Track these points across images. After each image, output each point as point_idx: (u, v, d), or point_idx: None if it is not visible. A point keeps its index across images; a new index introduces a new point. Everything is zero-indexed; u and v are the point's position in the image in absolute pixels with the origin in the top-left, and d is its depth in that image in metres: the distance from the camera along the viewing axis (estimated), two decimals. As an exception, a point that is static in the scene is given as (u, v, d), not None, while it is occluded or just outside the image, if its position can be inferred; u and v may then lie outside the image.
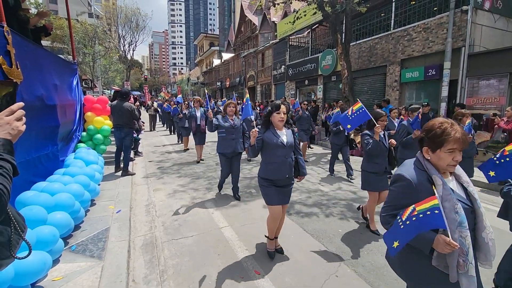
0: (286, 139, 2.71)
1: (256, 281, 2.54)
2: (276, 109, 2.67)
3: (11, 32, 2.77)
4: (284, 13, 21.47)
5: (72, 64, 5.67)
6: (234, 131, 4.49)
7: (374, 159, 3.41)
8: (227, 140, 4.46)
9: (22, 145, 3.06)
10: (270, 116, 2.73)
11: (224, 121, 4.52)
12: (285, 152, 2.69)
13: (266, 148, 2.70)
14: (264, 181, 2.78)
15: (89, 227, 3.37)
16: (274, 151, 2.67)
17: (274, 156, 2.68)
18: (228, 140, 4.45)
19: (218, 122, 4.48)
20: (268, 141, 2.67)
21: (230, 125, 4.49)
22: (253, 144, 2.63)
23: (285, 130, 2.77)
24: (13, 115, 0.94)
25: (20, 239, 0.92)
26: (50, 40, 18.78)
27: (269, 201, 2.77)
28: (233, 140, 4.46)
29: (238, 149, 4.53)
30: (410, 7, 9.99)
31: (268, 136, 2.69)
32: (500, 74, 7.36)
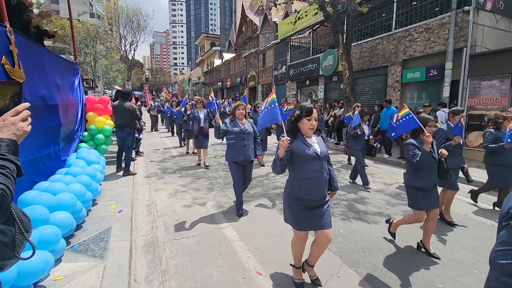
0: (319, 148, 2.26)
1: (257, 281, 2.54)
2: (307, 114, 2.20)
3: (13, 32, 2.78)
4: (285, 13, 21.47)
5: (74, 64, 5.68)
6: (245, 137, 3.90)
7: (421, 173, 2.90)
8: (238, 147, 3.87)
9: (24, 145, 3.07)
10: (299, 122, 2.26)
11: (233, 125, 3.93)
12: (321, 165, 2.22)
13: (296, 161, 2.24)
14: (295, 202, 2.28)
15: (91, 226, 3.38)
16: (308, 164, 2.21)
17: (308, 170, 2.21)
18: (239, 148, 3.87)
19: (226, 128, 3.89)
20: (298, 152, 2.20)
21: (240, 130, 3.89)
22: (282, 157, 2.14)
23: (315, 137, 2.33)
24: (19, 115, 0.94)
25: (25, 240, 0.92)
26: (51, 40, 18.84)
27: (299, 227, 2.30)
28: (244, 147, 3.88)
29: (250, 157, 3.95)
30: (411, 7, 9.97)
31: (298, 146, 2.22)
32: (502, 74, 7.33)
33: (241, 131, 3.89)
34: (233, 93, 30.14)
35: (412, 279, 2.59)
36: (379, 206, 4.41)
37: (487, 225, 3.77)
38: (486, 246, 3.22)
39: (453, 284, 2.55)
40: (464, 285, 2.54)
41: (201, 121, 6.58)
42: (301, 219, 2.27)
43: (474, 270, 2.75)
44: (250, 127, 4.03)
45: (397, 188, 5.38)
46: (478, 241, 3.34)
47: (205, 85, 42.83)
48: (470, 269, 2.74)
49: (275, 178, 5.88)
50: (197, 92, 40.69)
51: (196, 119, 6.58)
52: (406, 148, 2.94)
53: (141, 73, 54.78)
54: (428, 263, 2.85)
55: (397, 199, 4.80)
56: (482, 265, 2.83)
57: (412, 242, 3.30)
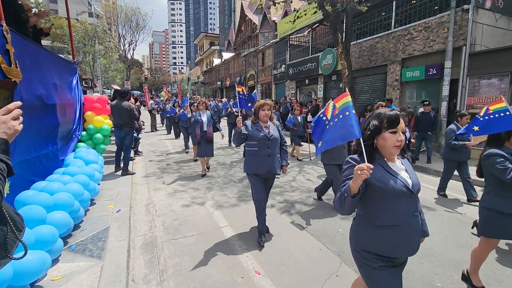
0: (409, 178, 1.52)
1: (256, 281, 2.53)
2: (391, 124, 1.46)
3: (10, 31, 2.76)
4: (285, 12, 21.44)
5: (72, 63, 5.66)
6: (270, 144, 3.16)
7: None
8: (260, 156, 3.14)
9: (22, 145, 3.05)
10: (377, 137, 1.50)
11: (255, 129, 3.17)
12: (413, 205, 1.49)
13: (374, 198, 1.49)
14: (375, 259, 1.53)
15: (88, 226, 3.36)
16: (393, 203, 1.46)
17: (393, 213, 1.47)
18: (261, 157, 3.14)
19: (247, 132, 3.15)
20: (379, 184, 1.45)
21: (264, 135, 3.15)
22: (356, 193, 1.38)
23: (400, 160, 1.59)
24: (10, 114, 0.93)
25: (17, 239, 0.91)
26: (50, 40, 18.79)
27: None
28: (269, 157, 3.15)
29: (275, 169, 3.21)
30: (411, 6, 9.96)
31: (378, 175, 1.46)
32: (501, 73, 7.32)
33: (265, 136, 3.14)
34: (233, 92, 30.14)
35: (411, 278, 2.59)
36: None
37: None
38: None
39: (452, 283, 2.54)
40: (463, 284, 2.53)
41: (203, 124, 5.74)
42: (385, 282, 1.53)
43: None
44: (276, 131, 3.27)
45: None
46: (477, 239, 3.32)
47: (204, 85, 42.80)
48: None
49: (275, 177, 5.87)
50: (196, 92, 40.65)
51: (198, 123, 5.72)
52: (492, 161, 2.27)
53: (140, 73, 54.69)
54: (427, 262, 2.84)
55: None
56: (481, 264, 2.82)
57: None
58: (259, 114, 3.21)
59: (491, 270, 2.74)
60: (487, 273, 2.65)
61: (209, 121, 5.84)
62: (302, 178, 5.83)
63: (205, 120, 5.79)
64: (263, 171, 3.16)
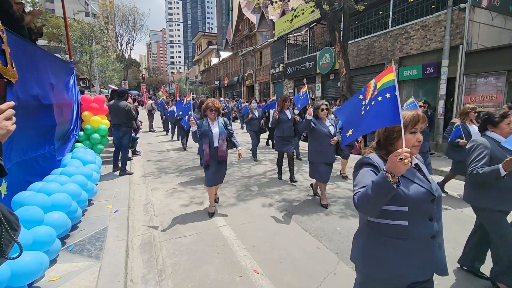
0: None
1: (254, 280, 2.54)
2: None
3: (6, 31, 2.74)
4: (282, 12, 21.41)
5: (69, 63, 5.63)
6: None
7: None
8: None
9: (19, 145, 3.04)
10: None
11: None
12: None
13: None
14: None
15: (86, 227, 3.36)
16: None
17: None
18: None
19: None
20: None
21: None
22: None
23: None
24: (2, 114, 0.92)
25: (12, 239, 0.90)
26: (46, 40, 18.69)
27: None
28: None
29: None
30: (408, 5, 9.98)
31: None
32: (497, 71, 7.37)
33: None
34: (231, 91, 30.09)
35: (409, 276, 2.60)
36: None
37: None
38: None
39: (449, 281, 2.56)
40: (459, 280, 2.55)
41: (214, 138, 3.79)
42: None
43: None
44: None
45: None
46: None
47: (202, 84, 42.71)
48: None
49: (273, 177, 5.87)
50: (194, 91, 40.54)
51: (205, 137, 3.77)
52: None
53: (138, 72, 54.46)
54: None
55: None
56: (478, 261, 2.83)
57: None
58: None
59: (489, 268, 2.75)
60: (485, 271, 2.67)
61: (222, 133, 3.83)
62: (300, 177, 5.84)
63: (216, 132, 3.82)
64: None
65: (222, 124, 3.91)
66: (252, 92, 24.48)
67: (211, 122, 3.85)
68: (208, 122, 3.82)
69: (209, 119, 3.84)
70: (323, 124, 4.20)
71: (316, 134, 4.16)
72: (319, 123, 4.18)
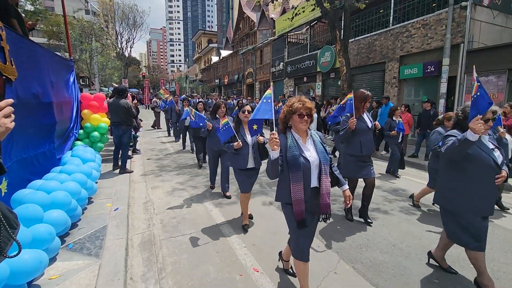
0: None
1: (254, 278, 2.53)
2: None
3: (5, 28, 2.73)
4: (283, 10, 21.36)
5: (69, 61, 5.61)
6: None
7: None
8: None
9: (19, 143, 3.03)
10: None
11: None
12: None
13: None
14: None
15: (86, 225, 3.35)
16: None
17: None
18: None
19: None
20: None
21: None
22: None
23: None
24: (1, 112, 0.91)
25: (11, 237, 0.90)
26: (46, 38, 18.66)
27: None
28: None
29: None
30: (409, 3, 9.95)
31: None
32: (498, 70, 7.35)
33: None
34: (231, 90, 30.05)
35: (409, 275, 2.60)
36: (377, 203, 4.41)
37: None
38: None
39: (449, 279, 2.56)
40: (460, 279, 2.55)
41: (311, 171, 2.03)
42: None
43: (470, 265, 2.75)
44: None
45: (394, 184, 5.40)
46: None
47: (202, 83, 42.66)
48: (467, 264, 2.74)
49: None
50: (194, 90, 40.50)
51: (296, 167, 1.99)
52: None
53: (138, 71, 54.37)
54: (424, 259, 2.86)
55: (394, 195, 4.81)
56: (478, 260, 2.83)
57: (409, 239, 3.30)
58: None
59: (489, 267, 2.75)
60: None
61: (324, 162, 2.08)
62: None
63: (315, 160, 2.06)
64: None
65: (320, 143, 2.12)
66: (253, 90, 24.45)
67: (301, 140, 2.07)
68: (296, 141, 2.06)
69: (294, 133, 2.08)
70: None
71: None
72: None
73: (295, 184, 1.94)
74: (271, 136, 1.85)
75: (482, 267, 2.32)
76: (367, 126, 3.55)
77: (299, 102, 2.01)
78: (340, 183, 2.20)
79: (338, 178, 2.18)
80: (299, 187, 1.94)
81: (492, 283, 2.30)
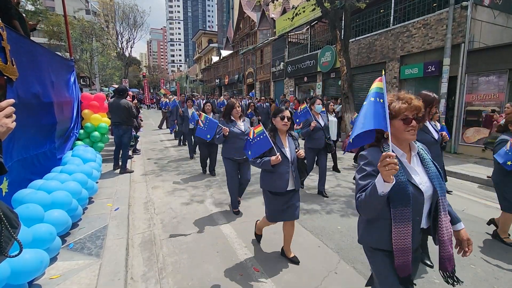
0: None
1: (255, 279, 2.53)
2: None
3: (6, 28, 2.73)
4: (283, 10, 21.35)
5: (69, 61, 5.62)
6: None
7: None
8: None
9: (20, 143, 3.03)
10: None
11: None
12: None
13: None
14: None
15: (87, 225, 3.36)
16: None
17: None
18: None
19: None
20: None
21: None
22: None
23: None
24: (3, 112, 0.92)
25: (12, 237, 0.90)
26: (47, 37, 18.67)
27: None
28: None
29: None
30: (409, 3, 9.93)
31: None
32: (499, 70, 7.33)
33: None
34: (231, 90, 30.06)
35: (410, 275, 2.59)
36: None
37: (484, 220, 3.77)
38: (483, 241, 3.23)
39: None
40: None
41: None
42: None
43: (470, 265, 2.75)
44: None
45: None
46: (475, 236, 3.34)
47: (202, 82, 42.67)
48: (467, 264, 2.74)
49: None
50: (194, 89, 40.52)
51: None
52: None
53: (138, 71, 54.36)
54: (425, 259, 2.85)
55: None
56: (478, 260, 2.83)
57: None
58: None
59: (489, 266, 2.75)
60: (485, 269, 2.66)
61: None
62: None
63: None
64: None
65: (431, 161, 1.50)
66: (253, 90, 24.44)
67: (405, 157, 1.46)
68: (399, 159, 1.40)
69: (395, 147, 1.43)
70: None
71: None
72: None
73: (400, 225, 1.32)
74: (387, 158, 1.13)
75: None
76: (433, 138, 2.73)
77: (402, 101, 1.36)
78: (454, 220, 1.49)
79: (451, 214, 1.49)
80: (407, 229, 1.32)
81: None
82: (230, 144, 3.79)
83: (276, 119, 2.61)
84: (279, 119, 2.59)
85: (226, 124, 3.83)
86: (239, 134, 3.76)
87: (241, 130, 3.82)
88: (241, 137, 3.73)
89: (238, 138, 3.74)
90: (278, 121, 2.61)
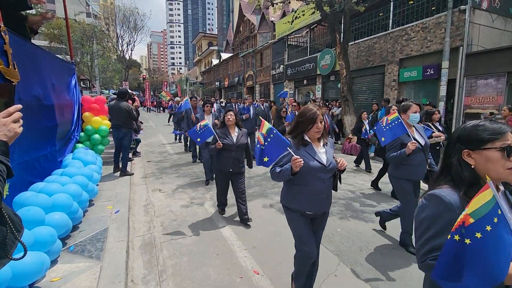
0: None
1: (255, 281, 2.54)
2: None
3: (8, 32, 2.76)
4: (283, 13, 21.45)
5: (70, 64, 5.65)
6: None
7: None
8: None
9: (21, 145, 3.05)
10: None
11: None
12: None
13: None
14: None
15: (87, 227, 3.36)
16: None
17: None
18: None
19: None
20: None
21: None
22: None
23: None
24: (10, 117, 0.95)
25: (16, 240, 0.92)
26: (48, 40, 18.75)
27: None
28: None
29: None
30: (408, 6, 10.01)
31: None
32: (497, 73, 7.38)
33: None
34: (231, 92, 30.12)
35: (409, 277, 2.60)
36: (376, 205, 4.42)
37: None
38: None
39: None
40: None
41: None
42: None
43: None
44: None
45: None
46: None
47: (202, 85, 42.77)
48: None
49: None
50: (194, 92, 40.60)
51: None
52: None
53: (139, 73, 54.51)
54: (424, 261, 2.86)
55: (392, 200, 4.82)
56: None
57: (409, 240, 3.31)
58: None
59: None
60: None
61: None
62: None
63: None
64: None
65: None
66: (253, 93, 24.50)
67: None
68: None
69: None
70: None
71: None
72: None
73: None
74: None
75: None
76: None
77: None
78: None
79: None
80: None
81: None
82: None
83: None
84: None
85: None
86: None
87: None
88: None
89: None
90: None
